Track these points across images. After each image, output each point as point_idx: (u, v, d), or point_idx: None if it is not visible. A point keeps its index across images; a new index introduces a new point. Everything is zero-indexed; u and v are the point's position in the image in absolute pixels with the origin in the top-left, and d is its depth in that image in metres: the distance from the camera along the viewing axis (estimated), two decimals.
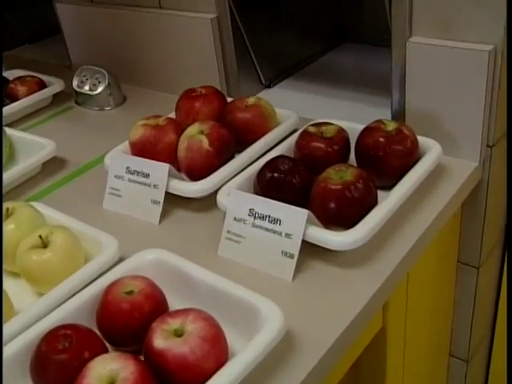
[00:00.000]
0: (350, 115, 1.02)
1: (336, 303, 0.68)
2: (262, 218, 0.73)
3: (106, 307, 0.63)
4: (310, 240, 0.71)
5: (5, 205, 0.79)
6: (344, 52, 1.32)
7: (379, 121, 0.85)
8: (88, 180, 0.99)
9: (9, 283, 0.74)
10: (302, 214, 0.71)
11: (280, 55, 1.21)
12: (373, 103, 1.08)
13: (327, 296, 0.69)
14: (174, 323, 0.58)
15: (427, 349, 1.01)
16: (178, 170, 0.89)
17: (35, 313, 0.66)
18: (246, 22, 1.10)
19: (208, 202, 0.85)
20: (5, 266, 0.78)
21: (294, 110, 1.00)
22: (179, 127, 0.92)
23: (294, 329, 0.64)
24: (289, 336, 0.63)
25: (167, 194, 0.84)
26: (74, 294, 0.68)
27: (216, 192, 0.82)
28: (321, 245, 0.71)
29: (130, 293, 0.64)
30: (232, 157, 0.89)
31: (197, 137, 0.87)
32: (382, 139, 0.82)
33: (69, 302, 0.66)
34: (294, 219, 0.71)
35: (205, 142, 0.86)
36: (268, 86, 1.19)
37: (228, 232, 0.76)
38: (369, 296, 0.68)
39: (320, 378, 0.64)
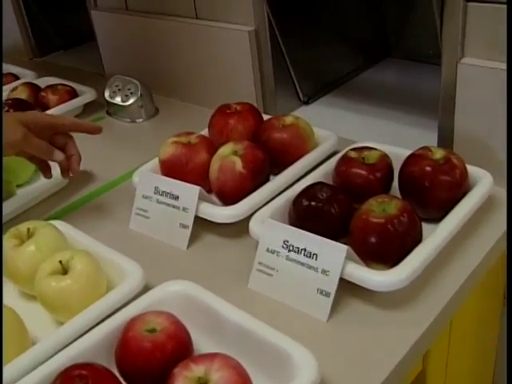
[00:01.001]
0: (392, 137, 0.97)
1: (375, 349, 0.62)
2: (297, 251, 0.68)
3: (126, 345, 0.59)
4: (348, 278, 0.66)
5: (26, 224, 0.76)
6: (386, 68, 1.26)
7: (426, 148, 0.79)
8: (115, 197, 0.95)
9: (26, 307, 0.71)
10: (341, 249, 0.65)
11: (319, 70, 1.16)
12: (417, 125, 1.03)
13: (365, 340, 0.64)
14: (197, 370, 0.53)
15: None
16: (209, 190, 0.84)
17: (51, 345, 0.62)
18: (285, 35, 1.05)
19: (240, 228, 0.80)
20: (23, 289, 0.74)
21: (332, 129, 0.94)
22: (212, 146, 0.88)
23: (328, 376, 0.59)
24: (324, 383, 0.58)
25: (196, 217, 0.80)
26: (94, 326, 0.64)
27: (249, 218, 0.78)
28: (361, 284, 0.65)
29: (152, 331, 0.59)
30: (266, 179, 0.84)
31: (230, 158, 0.82)
32: (428, 168, 0.76)
33: (87, 336, 0.62)
34: (332, 255, 0.66)
35: (238, 164, 0.81)
36: (306, 103, 1.14)
37: (260, 263, 0.71)
38: (411, 342, 0.62)
39: None
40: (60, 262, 0.68)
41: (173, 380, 0.53)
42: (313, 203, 0.74)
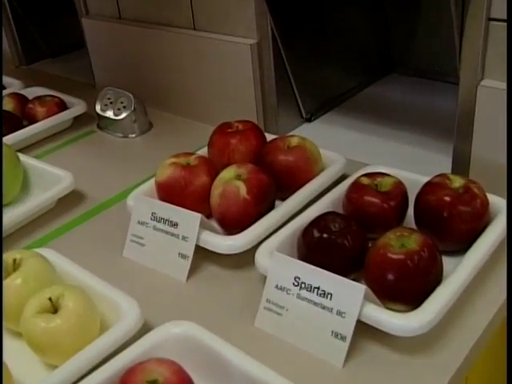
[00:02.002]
0: (398, 158, 0.93)
1: None
2: (310, 289, 0.62)
3: None
4: (366, 321, 0.60)
5: (12, 254, 0.70)
6: (390, 84, 1.21)
7: (444, 175, 0.74)
8: (108, 220, 0.89)
9: (11, 346, 0.65)
10: (359, 289, 0.60)
11: (322, 86, 1.11)
12: (426, 146, 0.98)
13: None
14: None
15: None
16: (209, 215, 0.78)
17: None
18: (288, 48, 1.00)
19: (243, 258, 0.74)
20: (8, 325, 0.68)
21: (335, 148, 0.89)
22: (213, 168, 0.82)
23: None
24: None
25: (196, 245, 0.74)
26: (87, 373, 0.58)
27: (253, 247, 0.72)
28: (380, 328, 0.60)
29: (153, 382, 0.53)
30: (272, 206, 0.78)
31: (233, 182, 0.76)
32: (447, 198, 0.71)
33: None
34: (349, 295, 0.60)
35: (242, 189, 0.75)
36: (308, 120, 1.08)
37: (268, 301, 0.65)
38: None
39: None
40: (49, 299, 0.62)
41: None
42: (325, 235, 0.68)
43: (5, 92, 1.25)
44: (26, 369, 0.63)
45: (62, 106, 1.16)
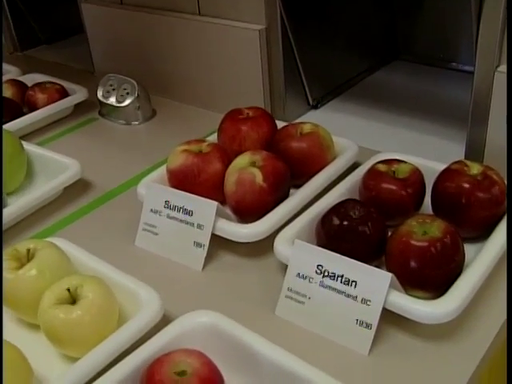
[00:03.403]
0: (411, 146, 0.92)
1: None
2: (334, 277, 0.62)
3: None
4: (392, 309, 0.60)
5: (25, 244, 0.68)
6: (395, 70, 1.20)
7: (461, 162, 0.73)
8: (116, 209, 0.87)
9: (27, 338, 0.63)
10: (385, 277, 0.59)
11: (329, 73, 1.10)
12: (434, 133, 0.97)
13: (411, 377, 0.58)
14: None
15: None
16: (222, 203, 0.77)
17: None
18: (296, 35, 0.99)
19: (260, 246, 0.73)
20: (24, 318, 0.67)
21: (343, 135, 0.88)
22: (225, 155, 0.81)
23: None
24: None
25: (212, 234, 0.73)
26: (110, 363, 0.56)
27: (270, 236, 0.71)
28: (406, 316, 0.59)
29: (182, 373, 0.52)
30: (287, 193, 0.77)
31: (249, 170, 0.75)
32: (466, 185, 0.70)
33: (106, 375, 0.54)
34: (374, 283, 0.60)
35: (258, 177, 0.74)
36: (315, 107, 1.07)
37: (289, 290, 0.64)
38: (465, 380, 0.56)
39: None
40: (68, 289, 0.61)
41: None
42: (345, 223, 0.67)
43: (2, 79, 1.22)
44: (45, 361, 0.61)
45: (63, 93, 1.14)
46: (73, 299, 0.61)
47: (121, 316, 0.63)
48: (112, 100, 1.10)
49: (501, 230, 0.68)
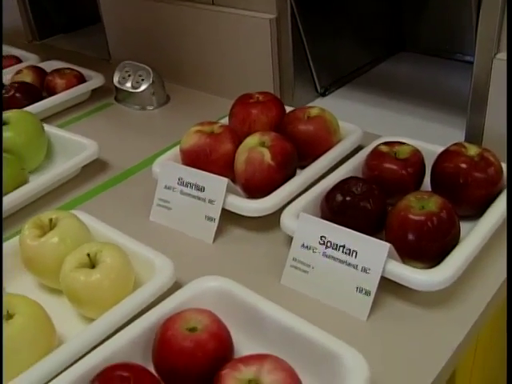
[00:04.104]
0: (414, 132, 0.95)
1: (417, 350, 0.60)
2: (336, 247, 0.66)
3: (165, 345, 0.56)
4: (389, 277, 0.64)
5: (48, 214, 0.72)
6: (401, 61, 1.24)
7: (459, 144, 0.77)
8: (132, 187, 0.92)
9: (50, 302, 0.67)
10: (383, 247, 0.63)
11: (337, 62, 1.14)
12: (437, 120, 1.01)
13: (406, 340, 0.62)
14: (247, 372, 0.51)
15: None
16: (233, 181, 0.81)
17: (82, 344, 0.59)
18: (306, 24, 1.03)
19: (267, 222, 0.78)
20: (46, 282, 0.71)
21: (349, 121, 0.92)
22: (236, 136, 0.85)
23: (372, 378, 0.57)
24: None
25: (222, 209, 0.77)
26: (126, 323, 0.61)
27: (276, 211, 0.75)
28: (403, 283, 0.63)
29: (193, 329, 0.56)
30: (294, 173, 0.82)
31: (258, 149, 0.79)
32: (463, 165, 0.74)
33: (122, 333, 0.59)
34: (374, 252, 0.64)
35: (267, 156, 0.78)
36: (323, 94, 1.11)
37: (294, 259, 0.69)
38: (455, 345, 0.61)
39: None
40: (88, 255, 0.65)
41: (222, 381, 0.51)
42: (348, 198, 0.71)
43: (22, 65, 1.27)
44: (66, 322, 0.65)
45: (81, 79, 1.18)
46: (92, 264, 0.65)
47: (136, 282, 0.68)
48: (128, 86, 1.15)
49: (495, 208, 0.72)
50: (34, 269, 0.70)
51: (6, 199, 0.83)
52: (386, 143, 0.80)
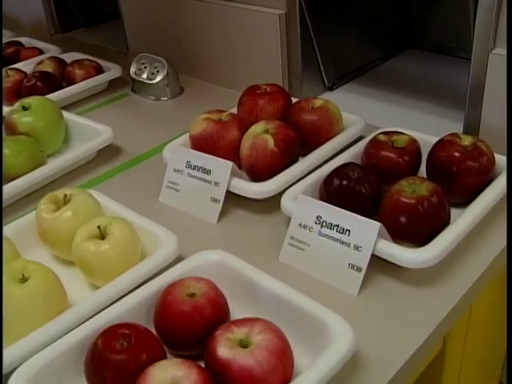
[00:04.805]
0: (417, 125, 0.98)
1: (403, 323, 0.64)
2: (330, 226, 0.70)
3: (165, 308, 0.61)
4: (380, 255, 0.68)
5: (63, 190, 0.77)
6: (408, 58, 1.28)
7: (455, 134, 0.81)
8: (143, 171, 0.97)
9: (63, 272, 0.71)
10: (374, 226, 0.67)
11: (345, 57, 1.18)
12: (440, 114, 1.05)
13: (394, 314, 0.66)
14: (239, 332, 0.55)
15: (481, 375, 0.97)
16: (238, 166, 0.86)
17: (91, 307, 0.64)
18: (314, 20, 1.07)
19: (269, 205, 0.82)
20: (59, 253, 0.76)
21: (356, 115, 0.96)
22: (242, 124, 0.89)
23: (360, 347, 0.61)
24: (355, 354, 0.60)
25: (227, 192, 0.81)
26: (131, 290, 0.65)
27: (278, 195, 0.80)
28: (392, 261, 0.67)
29: (191, 295, 0.61)
30: (296, 159, 0.86)
31: (262, 136, 0.84)
32: (457, 154, 0.78)
33: (126, 299, 0.64)
34: (365, 231, 0.68)
35: (270, 142, 0.83)
36: (330, 89, 1.15)
37: (291, 238, 0.73)
38: (439, 319, 0.64)
39: None
40: (98, 227, 0.70)
41: (215, 341, 0.55)
42: (344, 182, 0.76)
43: (44, 56, 1.33)
44: (76, 290, 0.70)
45: (99, 70, 1.23)
46: (102, 236, 0.70)
47: (143, 254, 0.72)
48: (143, 77, 1.20)
49: (485, 195, 0.75)
50: (49, 240, 0.75)
51: (24, 179, 0.89)
52: (384, 133, 0.84)
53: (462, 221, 0.71)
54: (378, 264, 0.69)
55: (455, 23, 1.20)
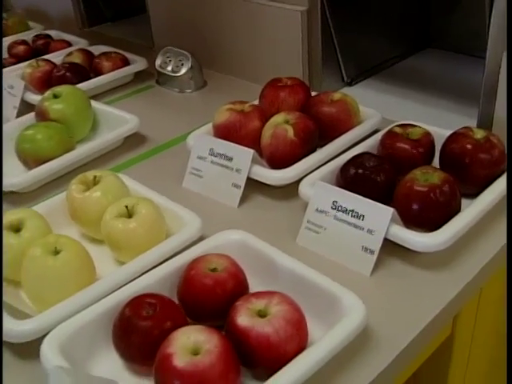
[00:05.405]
0: (432, 121, 1.02)
1: (412, 303, 0.68)
2: (346, 211, 0.73)
3: (189, 281, 0.65)
4: (392, 238, 0.71)
5: (92, 172, 0.81)
6: (426, 57, 1.31)
7: (467, 127, 0.84)
8: (167, 158, 1.01)
9: (90, 249, 0.75)
10: (388, 211, 0.71)
11: (364, 54, 1.21)
12: (455, 111, 1.08)
13: (404, 294, 0.69)
14: (258, 303, 0.59)
15: (490, 363, 1.00)
16: (259, 156, 0.89)
17: (120, 279, 0.68)
18: (335, 17, 1.10)
19: (287, 191, 0.86)
20: (88, 231, 0.80)
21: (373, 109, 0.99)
22: (264, 115, 0.93)
23: (371, 322, 0.64)
24: (365, 329, 0.63)
25: (247, 179, 0.85)
26: (156, 266, 0.69)
27: (296, 182, 0.83)
28: (403, 244, 0.71)
29: (213, 270, 0.65)
30: (314, 149, 0.89)
31: (282, 126, 0.87)
32: (469, 146, 0.81)
33: (153, 272, 0.68)
34: (379, 216, 0.71)
35: (290, 132, 0.87)
36: (349, 84, 1.19)
37: (308, 222, 0.76)
38: (448, 300, 0.68)
39: (388, 379, 0.64)
40: (126, 206, 0.74)
41: (235, 311, 0.59)
42: (360, 171, 0.79)
43: (73, 48, 1.38)
44: (104, 266, 0.74)
45: (126, 62, 1.28)
46: (129, 214, 0.74)
47: (167, 234, 0.76)
48: (168, 70, 1.24)
49: (496, 185, 0.78)
50: (79, 219, 0.79)
51: (55, 162, 0.93)
52: (399, 125, 0.88)
53: (472, 209, 0.74)
54: (390, 248, 0.73)
55: (473, 24, 1.23)
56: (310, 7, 1.08)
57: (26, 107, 1.13)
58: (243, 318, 0.58)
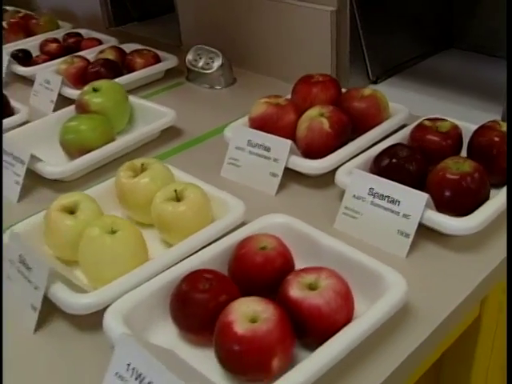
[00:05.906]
0: (455, 117, 1.06)
1: (446, 283, 0.72)
2: (382, 197, 0.78)
3: (240, 259, 0.69)
4: (426, 223, 0.76)
5: (139, 160, 0.86)
6: (448, 57, 1.35)
7: (495, 121, 0.88)
8: (203, 150, 1.06)
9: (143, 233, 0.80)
10: (422, 197, 0.75)
11: (389, 53, 1.26)
12: (478, 107, 1.12)
13: (438, 276, 0.74)
14: (308, 278, 0.64)
15: None
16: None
17: (172, 257, 0.72)
18: (363, 18, 1.15)
19: (321, 181, 0.90)
20: (136, 216, 0.84)
21: None
22: (298, 108, 0.98)
23: (408, 299, 0.69)
24: (405, 305, 0.68)
25: (284, 169, 0.90)
26: (204, 247, 0.74)
27: (331, 172, 0.88)
28: (438, 228, 0.76)
29: (263, 248, 0.69)
30: (347, 141, 0.94)
31: (318, 118, 0.92)
32: (496, 138, 0.85)
33: (205, 250, 0.72)
34: (414, 201, 0.76)
35: (325, 124, 0.91)
36: (375, 82, 1.24)
37: (346, 208, 0.81)
38: (479, 280, 0.72)
39: (424, 353, 0.68)
40: (175, 190, 0.79)
41: (287, 284, 0.63)
42: (394, 160, 0.84)
43: (105, 45, 1.43)
44: (152, 249, 0.78)
45: (158, 59, 1.33)
46: (178, 198, 0.78)
47: (214, 218, 0.81)
48: (199, 66, 1.29)
49: None
50: (128, 203, 0.84)
51: (99, 151, 0.98)
52: (429, 119, 0.92)
53: (501, 196, 0.79)
54: (423, 232, 0.77)
55: (494, 24, 1.28)
56: (339, 8, 1.13)
57: (60, 101, 1.19)
58: (295, 291, 0.62)
